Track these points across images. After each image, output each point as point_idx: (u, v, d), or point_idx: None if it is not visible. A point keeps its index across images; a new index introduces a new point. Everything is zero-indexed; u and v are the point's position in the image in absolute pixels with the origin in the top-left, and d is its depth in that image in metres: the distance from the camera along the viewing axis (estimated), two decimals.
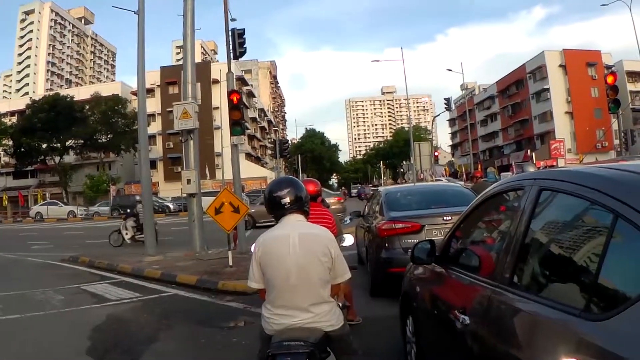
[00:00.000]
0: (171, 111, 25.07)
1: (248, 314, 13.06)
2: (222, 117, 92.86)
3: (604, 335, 2.92)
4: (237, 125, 24.57)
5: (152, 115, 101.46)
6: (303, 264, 5.29)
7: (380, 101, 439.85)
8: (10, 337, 12.30)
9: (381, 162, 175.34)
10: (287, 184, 5.71)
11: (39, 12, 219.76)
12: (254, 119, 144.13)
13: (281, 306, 5.36)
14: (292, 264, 5.28)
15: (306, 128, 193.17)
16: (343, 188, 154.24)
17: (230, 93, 24.73)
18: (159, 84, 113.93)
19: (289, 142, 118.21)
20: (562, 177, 4.13)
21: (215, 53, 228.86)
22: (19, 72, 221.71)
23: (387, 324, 9.98)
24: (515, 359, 3.69)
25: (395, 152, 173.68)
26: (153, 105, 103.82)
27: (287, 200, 5.52)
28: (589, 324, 3.07)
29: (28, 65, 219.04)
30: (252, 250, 5.64)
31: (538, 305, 3.70)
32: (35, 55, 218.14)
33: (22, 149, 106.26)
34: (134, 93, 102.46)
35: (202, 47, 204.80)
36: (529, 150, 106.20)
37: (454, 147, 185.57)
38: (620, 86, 38.99)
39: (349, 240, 9.04)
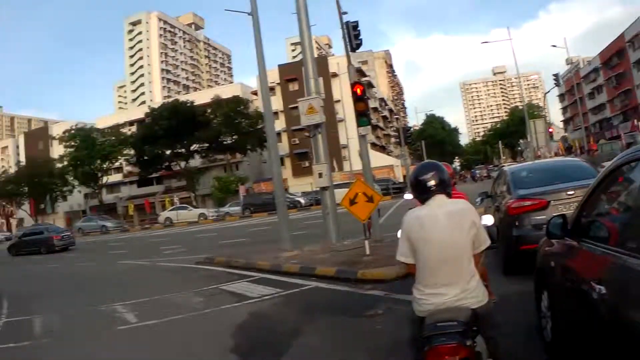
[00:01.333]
0: (293, 108, 25.55)
1: (389, 301, 13.28)
2: (344, 109, 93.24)
3: None
4: (362, 116, 24.71)
5: (275, 113, 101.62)
6: (452, 239, 5.53)
7: (492, 82, 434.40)
8: (148, 342, 12.74)
9: (499, 142, 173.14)
10: (432, 167, 5.93)
11: (147, 22, 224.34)
12: (375, 109, 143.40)
13: (433, 284, 5.58)
14: (442, 239, 5.53)
15: (426, 114, 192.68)
16: (463, 172, 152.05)
17: (353, 85, 24.88)
18: (278, 82, 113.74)
19: (411, 129, 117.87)
20: None
21: (330, 47, 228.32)
22: (133, 82, 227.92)
23: (521, 301, 10.17)
24: None
25: (511, 131, 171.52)
26: (275, 103, 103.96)
27: (433, 183, 5.73)
28: None
29: (142, 75, 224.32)
30: (400, 230, 5.89)
31: None
32: (148, 64, 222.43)
33: (145, 157, 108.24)
34: (254, 93, 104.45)
35: (316, 42, 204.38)
36: (635, 120, 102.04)
37: (565, 122, 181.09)
38: None
39: (489, 220, 9.24)
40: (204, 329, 13.35)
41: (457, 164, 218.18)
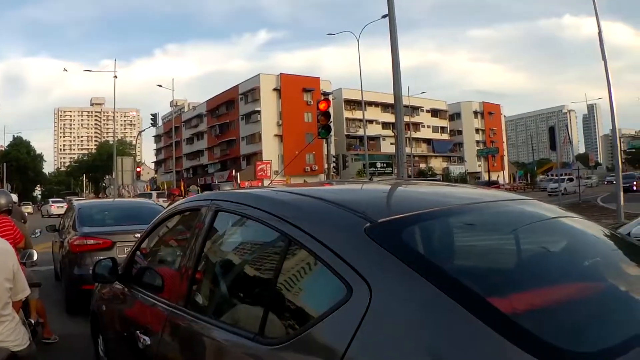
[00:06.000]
0: None
1: None
2: None
3: None
4: None
5: None
6: None
7: (88, 112, 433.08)
8: None
9: (84, 175, 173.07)
10: None
11: None
12: None
13: None
14: None
15: (14, 136, 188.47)
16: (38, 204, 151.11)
17: None
18: None
19: None
20: (237, 199, 4.15)
21: None
22: None
23: (84, 342, 9.65)
24: None
25: (98, 165, 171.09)
26: None
27: None
28: (262, 349, 3.09)
29: None
30: None
31: (213, 328, 3.70)
32: None
33: None
34: None
35: None
36: (234, 170, 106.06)
37: (158, 163, 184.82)
38: (337, 113, 40.60)
39: (33, 255, 8.81)
40: None
41: (38, 192, 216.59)
